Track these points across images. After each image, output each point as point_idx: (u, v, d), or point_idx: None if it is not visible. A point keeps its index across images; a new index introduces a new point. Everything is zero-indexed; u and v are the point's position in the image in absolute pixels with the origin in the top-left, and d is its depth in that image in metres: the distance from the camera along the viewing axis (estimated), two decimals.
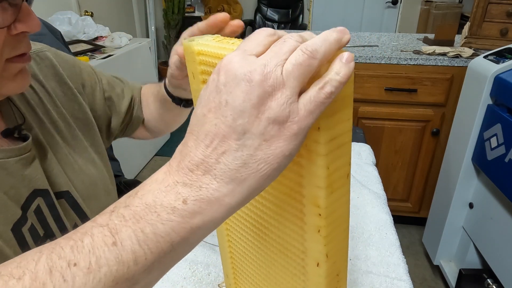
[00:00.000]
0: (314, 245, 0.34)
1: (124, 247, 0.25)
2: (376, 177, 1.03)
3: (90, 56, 2.01)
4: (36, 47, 0.60)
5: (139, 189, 0.27)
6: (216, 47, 0.34)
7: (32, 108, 0.55)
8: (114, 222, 0.26)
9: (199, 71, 0.37)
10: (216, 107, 0.26)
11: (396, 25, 3.84)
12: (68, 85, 0.61)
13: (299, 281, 0.40)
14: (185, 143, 0.28)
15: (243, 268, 0.51)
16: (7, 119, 0.51)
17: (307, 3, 4.02)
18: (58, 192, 0.55)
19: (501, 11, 1.63)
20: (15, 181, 0.48)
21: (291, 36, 0.26)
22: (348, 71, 0.25)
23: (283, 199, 0.36)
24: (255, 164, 0.25)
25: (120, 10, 3.41)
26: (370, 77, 1.69)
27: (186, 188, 0.26)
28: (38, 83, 0.57)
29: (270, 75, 0.24)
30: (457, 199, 1.52)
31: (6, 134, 0.49)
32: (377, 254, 0.73)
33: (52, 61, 0.60)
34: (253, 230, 0.43)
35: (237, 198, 0.26)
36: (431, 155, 1.83)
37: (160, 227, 0.25)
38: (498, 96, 1.28)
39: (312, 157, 0.30)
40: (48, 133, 0.56)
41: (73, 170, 0.58)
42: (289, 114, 0.25)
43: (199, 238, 0.27)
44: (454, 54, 1.63)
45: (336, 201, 0.32)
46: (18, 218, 0.48)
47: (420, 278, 1.77)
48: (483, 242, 1.41)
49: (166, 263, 0.27)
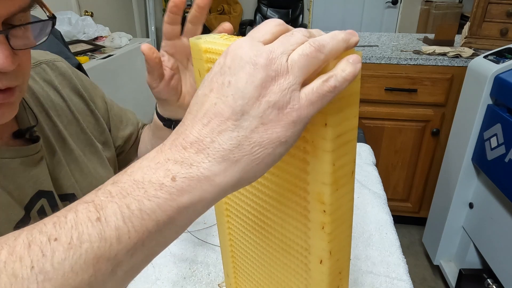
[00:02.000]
0: (318, 242, 0.34)
1: (108, 223, 0.24)
2: (376, 177, 1.03)
3: (90, 56, 2.01)
4: (53, 57, 0.62)
5: (130, 167, 0.27)
6: (224, 45, 0.34)
7: (45, 111, 0.56)
8: (100, 198, 0.25)
9: (206, 68, 0.37)
10: (218, 87, 0.26)
11: (396, 25, 3.84)
12: (81, 93, 0.63)
13: (301, 279, 0.40)
14: (182, 122, 0.27)
15: (244, 267, 0.51)
16: (20, 120, 0.52)
17: (307, 3, 4.02)
18: (63, 194, 0.55)
19: (501, 11, 1.63)
20: (20, 181, 0.48)
21: (300, 30, 0.27)
22: (354, 70, 0.26)
23: (287, 196, 0.36)
24: (249, 147, 0.25)
25: (120, 10, 3.41)
26: (370, 77, 1.70)
27: (176, 165, 0.25)
28: (53, 89, 0.59)
29: (275, 61, 0.25)
30: (457, 199, 1.52)
31: (18, 135, 0.50)
32: (377, 254, 0.73)
33: (67, 71, 0.63)
34: (256, 228, 0.43)
35: (228, 179, 0.25)
36: (431, 155, 1.83)
37: (146, 203, 0.24)
38: (498, 96, 1.28)
39: (318, 154, 0.30)
40: (59, 135, 0.57)
41: (82, 172, 0.59)
42: (289, 100, 0.25)
43: (185, 221, 0.26)
44: (454, 54, 1.63)
45: (341, 198, 0.32)
46: (21, 218, 0.48)
47: (420, 278, 1.77)
48: (483, 242, 1.42)
49: (151, 247, 0.26)
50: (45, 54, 0.63)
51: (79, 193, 0.57)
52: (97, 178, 0.61)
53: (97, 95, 0.68)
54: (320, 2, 3.86)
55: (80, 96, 0.63)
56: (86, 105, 0.64)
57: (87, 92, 0.65)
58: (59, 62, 0.62)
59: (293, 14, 4.06)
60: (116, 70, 2.12)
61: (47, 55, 0.62)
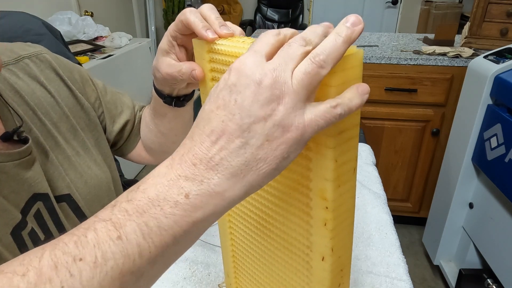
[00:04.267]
0: (320, 239, 0.34)
1: (129, 241, 0.25)
2: (376, 177, 1.03)
3: (90, 56, 2.01)
4: (35, 49, 0.59)
5: (141, 183, 0.28)
6: (227, 45, 0.34)
7: (32, 109, 0.54)
8: (117, 216, 0.26)
9: (209, 68, 0.37)
10: (225, 105, 0.27)
11: (396, 25, 3.85)
12: (69, 86, 0.61)
13: (303, 277, 0.39)
14: (190, 137, 0.28)
15: (244, 266, 0.50)
16: (6, 122, 0.50)
17: (307, 3, 4.03)
18: (59, 195, 0.54)
19: (501, 11, 1.63)
20: (15, 185, 0.48)
21: (295, 40, 0.27)
22: (360, 102, 0.28)
23: (289, 193, 0.36)
24: (255, 163, 0.26)
25: (120, 10, 3.41)
26: (370, 77, 1.70)
27: (188, 182, 0.26)
28: (40, 85, 0.57)
29: (279, 79, 0.26)
30: (457, 199, 1.52)
31: (6, 138, 0.48)
32: (377, 254, 0.73)
33: (51, 63, 0.59)
34: (257, 226, 0.43)
35: (237, 192, 0.27)
36: (431, 155, 1.83)
37: (164, 220, 0.26)
38: (498, 96, 1.28)
39: (320, 150, 0.30)
40: (49, 134, 0.55)
41: (76, 171, 0.57)
42: (294, 119, 0.26)
43: (200, 231, 0.28)
44: (454, 54, 1.63)
45: (343, 194, 0.32)
46: (17, 222, 0.47)
47: (420, 278, 1.77)
48: (483, 242, 1.42)
49: (169, 257, 0.28)
50: (27, 46, 0.59)
51: (74, 193, 0.56)
52: (92, 176, 0.59)
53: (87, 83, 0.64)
54: (320, 2, 3.87)
55: (69, 89, 0.60)
56: (76, 99, 0.61)
57: (76, 84, 0.62)
58: (42, 55, 0.59)
59: (293, 14, 4.06)
60: (116, 70, 2.12)
61: (30, 48, 0.59)
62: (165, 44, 0.46)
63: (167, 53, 0.46)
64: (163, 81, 0.49)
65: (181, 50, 0.46)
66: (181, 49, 0.46)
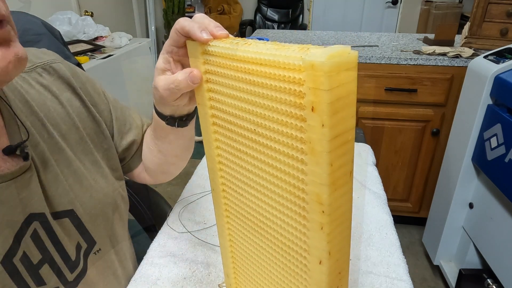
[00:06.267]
0: (317, 243, 0.34)
1: None
2: (376, 177, 1.02)
3: (90, 56, 2.01)
4: (49, 58, 0.59)
5: None
6: (221, 47, 0.34)
7: (40, 120, 0.53)
8: None
9: (203, 70, 0.37)
10: None
11: (396, 25, 3.84)
12: (81, 97, 0.60)
13: (301, 280, 0.39)
14: None
15: (244, 267, 0.51)
16: (12, 135, 0.49)
17: (307, 3, 4.02)
18: (60, 211, 0.53)
19: (501, 11, 1.63)
20: (7, 208, 0.46)
21: None
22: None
23: (286, 197, 0.36)
24: None
25: (120, 10, 3.40)
26: (370, 77, 1.69)
27: None
28: (51, 94, 0.56)
29: None
30: (457, 199, 1.52)
31: (8, 152, 0.47)
32: (377, 254, 0.73)
33: (65, 73, 0.59)
34: (255, 228, 0.43)
35: None
36: (431, 155, 1.83)
37: None
38: (498, 96, 1.28)
39: (316, 154, 0.30)
40: (56, 147, 0.54)
41: (82, 185, 0.56)
42: None
43: None
44: (454, 54, 1.63)
45: (339, 198, 0.32)
46: (7, 249, 0.46)
47: (420, 278, 1.77)
48: (483, 242, 1.41)
49: None
50: (42, 54, 0.59)
51: (78, 209, 0.55)
52: (98, 190, 0.58)
53: (99, 96, 0.64)
54: (320, 2, 3.86)
55: (81, 100, 0.60)
56: (87, 110, 0.61)
57: (88, 96, 0.61)
58: (57, 64, 0.59)
59: (293, 14, 4.06)
60: (116, 70, 2.12)
61: (45, 55, 0.59)
62: (161, 63, 0.46)
63: (163, 71, 0.46)
64: (163, 100, 0.48)
65: (177, 66, 0.46)
66: (177, 65, 0.47)
